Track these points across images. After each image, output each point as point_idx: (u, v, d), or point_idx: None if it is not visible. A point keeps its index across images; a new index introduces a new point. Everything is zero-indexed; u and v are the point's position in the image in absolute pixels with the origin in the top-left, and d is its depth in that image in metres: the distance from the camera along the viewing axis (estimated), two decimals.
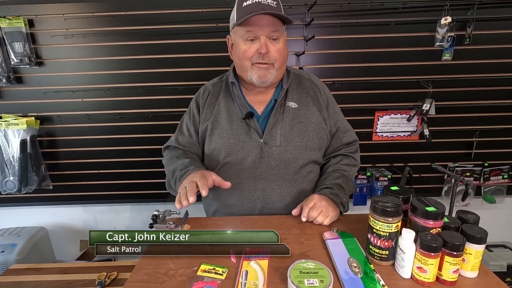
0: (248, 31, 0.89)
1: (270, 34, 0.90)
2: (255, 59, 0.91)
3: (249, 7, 0.87)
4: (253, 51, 0.90)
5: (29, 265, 1.21)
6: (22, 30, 1.54)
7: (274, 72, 0.93)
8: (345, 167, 1.05)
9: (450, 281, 0.62)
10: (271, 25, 0.88)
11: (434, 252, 0.59)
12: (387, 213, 0.64)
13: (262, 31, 0.88)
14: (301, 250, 0.76)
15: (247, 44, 0.91)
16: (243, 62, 0.93)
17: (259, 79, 0.92)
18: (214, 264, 0.71)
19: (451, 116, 1.70)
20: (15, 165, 1.67)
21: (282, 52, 0.93)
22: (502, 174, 1.77)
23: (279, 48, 0.91)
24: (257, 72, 0.92)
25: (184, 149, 1.06)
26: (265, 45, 0.89)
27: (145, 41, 1.57)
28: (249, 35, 0.90)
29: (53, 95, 1.64)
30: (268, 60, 0.91)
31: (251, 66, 0.92)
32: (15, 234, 1.77)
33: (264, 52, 0.89)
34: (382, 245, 0.67)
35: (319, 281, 0.61)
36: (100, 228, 1.98)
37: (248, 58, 0.92)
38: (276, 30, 0.90)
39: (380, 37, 1.57)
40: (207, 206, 1.10)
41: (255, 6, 0.86)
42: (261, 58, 0.90)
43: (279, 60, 0.93)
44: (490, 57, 1.60)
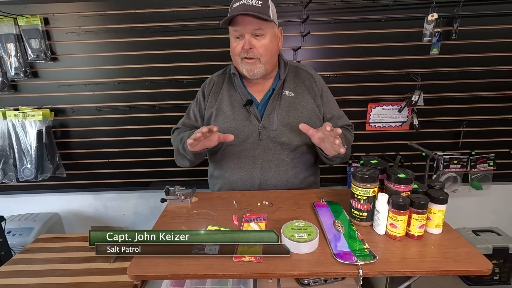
0: (235, 30, 1.01)
1: (254, 31, 0.99)
2: (243, 54, 1.02)
3: (236, 9, 0.97)
4: (240, 48, 1.02)
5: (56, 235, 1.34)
6: (39, 28, 1.65)
7: (261, 66, 1.03)
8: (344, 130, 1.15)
9: (418, 235, 0.74)
10: (254, 24, 0.98)
11: (403, 210, 0.71)
12: (366, 180, 0.76)
13: (245, 29, 0.99)
14: (294, 215, 0.88)
15: (236, 41, 1.03)
16: (234, 57, 1.06)
17: (248, 72, 1.04)
18: (219, 225, 0.83)
19: (439, 107, 1.80)
20: (32, 154, 1.78)
21: (268, 47, 1.02)
22: (488, 161, 1.88)
23: (264, 44, 1.01)
24: (245, 66, 1.03)
25: (190, 129, 1.18)
26: (249, 41, 1.00)
27: (153, 37, 1.68)
28: (236, 33, 1.02)
29: (66, 89, 1.76)
30: (253, 55, 1.01)
31: (241, 61, 1.04)
32: (31, 219, 1.89)
33: (247, 48, 1.00)
34: (361, 208, 0.79)
35: (307, 234, 0.73)
36: (110, 214, 2.11)
37: (237, 54, 1.03)
38: (259, 28, 0.99)
39: (371, 32, 1.68)
40: (213, 185, 1.23)
41: (240, 7, 0.97)
42: (246, 53, 1.01)
43: (265, 54, 1.02)
44: (475, 52, 1.70)
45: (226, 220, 0.87)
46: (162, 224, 0.87)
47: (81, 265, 1.14)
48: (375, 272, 0.66)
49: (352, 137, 1.21)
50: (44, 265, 1.16)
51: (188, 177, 1.90)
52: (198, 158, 1.09)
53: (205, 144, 0.98)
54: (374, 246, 0.73)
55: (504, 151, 1.88)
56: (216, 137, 0.97)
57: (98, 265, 1.13)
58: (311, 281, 0.86)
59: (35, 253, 1.23)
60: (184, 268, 0.69)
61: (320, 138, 0.95)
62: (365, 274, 0.65)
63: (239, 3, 0.98)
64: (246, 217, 0.87)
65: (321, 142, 0.96)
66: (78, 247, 1.23)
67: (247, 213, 0.89)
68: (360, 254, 0.69)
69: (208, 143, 0.98)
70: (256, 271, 0.67)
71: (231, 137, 0.98)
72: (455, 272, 0.66)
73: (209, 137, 0.96)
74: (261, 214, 0.87)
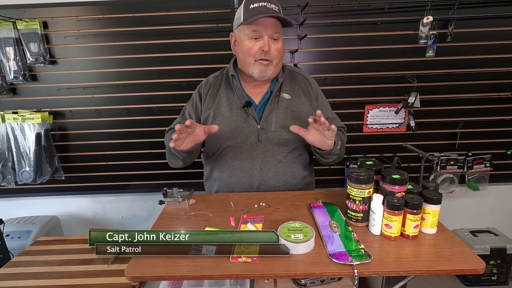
0: (254, 31, 1.02)
1: (273, 34, 1.02)
2: (258, 56, 1.03)
3: (256, 9, 0.99)
4: (257, 49, 1.03)
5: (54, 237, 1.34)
6: (37, 31, 1.65)
7: (272, 69, 1.05)
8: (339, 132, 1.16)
9: (412, 235, 0.75)
10: (274, 27, 1.01)
11: (398, 210, 0.72)
12: (361, 181, 0.77)
13: (266, 31, 1.01)
14: (290, 216, 0.89)
15: (251, 41, 1.03)
16: (247, 58, 1.05)
17: (260, 74, 1.05)
18: (216, 227, 0.83)
19: (436, 109, 1.81)
20: (31, 157, 1.79)
21: (280, 51, 1.06)
22: (485, 162, 1.89)
23: (278, 48, 1.05)
24: (259, 68, 1.04)
25: None
26: (268, 43, 1.01)
27: (151, 41, 1.70)
28: (254, 34, 1.02)
29: (65, 92, 1.76)
30: (269, 57, 1.03)
31: (254, 62, 1.04)
32: (30, 222, 1.89)
33: (266, 50, 1.02)
34: (357, 209, 0.80)
35: (303, 235, 0.74)
36: (108, 217, 2.11)
37: (252, 55, 1.04)
38: (278, 32, 1.03)
39: (368, 35, 1.69)
40: (209, 187, 1.23)
41: (262, 9, 0.98)
42: (263, 55, 1.03)
43: (277, 58, 1.05)
44: (470, 53, 1.72)
45: (223, 222, 0.88)
46: (160, 226, 0.88)
47: (80, 267, 1.14)
48: (370, 272, 0.67)
49: (345, 138, 1.22)
50: (42, 267, 1.16)
51: (186, 179, 1.90)
52: (191, 156, 1.08)
53: (193, 139, 0.97)
54: (369, 246, 0.74)
55: (500, 152, 1.89)
56: (201, 131, 0.96)
57: (97, 267, 1.13)
58: (308, 282, 0.86)
59: (33, 255, 1.24)
60: (182, 269, 0.70)
61: (312, 135, 0.96)
62: (360, 274, 0.66)
63: (259, 5, 0.99)
64: (243, 218, 0.88)
65: (315, 140, 0.97)
66: (77, 249, 1.23)
67: (244, 215, 0.90)
68: (356, 254, 0.70)
69: (196, 138, 0.97)
70: (252, 272, 0.68)
71: (216, 128, 0.96)
72: (448, 272, 0.67)
73: (194, 132, 0.95)
74: (258, 216, 0.88)
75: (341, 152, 1.11)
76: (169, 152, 1.12)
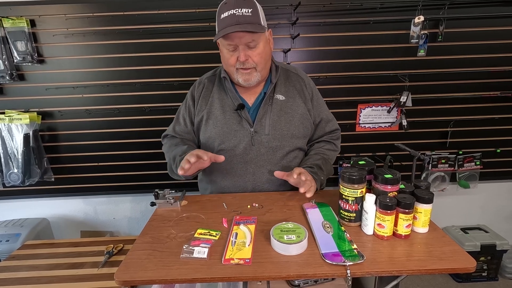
0: (228, 44, 0.98)
1: (248, 43, 0.97)
2: (238, 65, 1.01)
3: (225, 20, 0.94)
4: (235, 59, 1.00)
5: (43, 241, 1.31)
6: (25, 30, 1.61)
7: (257, 74, 1.03)
8: (326, 151, 1.16)
9: (405, 234, 0.75)
10: (248, 36, 0.95)
11: (390, 210, 0.72)
12: (353, 181, 0.77)
13: (240, 41, 0.96)
14: (283, 217, 0.88)
15: (229, 53, 1.01)
16: (228, 68, 1.04)
17: (244, 82, 1.03)
18: (208, 228, 0.82)
19: (427, 108, 1.83)
20: (19, 158, 1.75)
21: (263, 55, 1.00)
22: (475, 160, 1.92)
23: (259, 52, 0.99)
24: (242, 77, 1.02)
25: (181, 137, 1.17)
26: (244, 53, 0.97)
27: (142, 40, 1.67)
28: (230, 46, 0.99)
29: (54, 91, 1.73)
30: (249, 65, 1.00)
31: (236, 71, 1.02)
32: (18, 225, 1.85)
33: (243, 60, 0.99)
34: (350, 208, 0.80)
35: (296, 236, 0.73)
36: (100, 218, 2.08)
37: (232, 65, 1.02)
38: (252, 40, 0.96)
39: (360, 35, 1.70)
40: (203, 190, 1.21)
41: (230, 19, 0.93)
42: (242, 65, 1.00)
43: (260, 62, 1.01)
44: (461, 53, 1.74)
45: (215, 223, 0.87)
46: (151, 228, 0.86)
47: (69, 272, 1.12)
48: (363, 272, 0.67)
49: (337, 150, 1.22)
50: (30, 272, 1.13)
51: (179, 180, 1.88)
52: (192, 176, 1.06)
53: (197, 166, 0.97)
54: (362, 246, 0.74)
55: (490, 150, 1.92)
56: (208, 160, 0.94)
57: (86, 271, 1.11)
58: (301, 282, 0.86)
59: (21, 260, 1.21)
60: (173, 272, 0.69)
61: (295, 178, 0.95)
62: (353, 274, 0.66)
63: (228, 14, 0.94)
64: (236, 219, 0.87)
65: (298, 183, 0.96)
66: (66, 253, 1.21)
67: (237, 216, 0.89)
68: (349, 254, 0.70)
69: (201, 165, 0.96)
70: (245, 274, 0.67)
71: (222, 158, 0.96)
72: (440, 271, 0.67)
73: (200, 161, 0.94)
74: (250, 217, 0.87)
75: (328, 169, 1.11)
76: (170, 168, 1.10)
